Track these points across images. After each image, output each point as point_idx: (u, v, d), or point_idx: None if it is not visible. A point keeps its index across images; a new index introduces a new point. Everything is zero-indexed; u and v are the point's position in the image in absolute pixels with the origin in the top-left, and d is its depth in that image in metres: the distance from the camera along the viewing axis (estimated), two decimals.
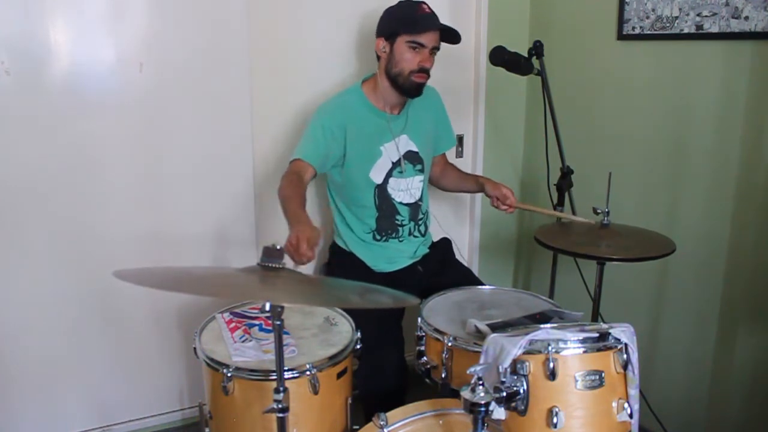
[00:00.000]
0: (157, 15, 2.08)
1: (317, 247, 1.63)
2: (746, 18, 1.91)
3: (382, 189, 2.13)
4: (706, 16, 2.01)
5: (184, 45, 2.12)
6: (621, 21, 2.27)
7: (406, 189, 2.16)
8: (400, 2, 2.06)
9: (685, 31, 2.07)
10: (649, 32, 2.19)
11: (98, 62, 2.04)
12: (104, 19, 2.02)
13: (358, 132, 2.07)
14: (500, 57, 2.17)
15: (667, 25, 2.13)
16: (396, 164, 2.13)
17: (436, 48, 2.03)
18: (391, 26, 2.03)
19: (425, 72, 2.03)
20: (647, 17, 2.18)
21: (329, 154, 2.05)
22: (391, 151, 2.12)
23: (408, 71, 2.01)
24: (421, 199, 2.22)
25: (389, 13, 2.06)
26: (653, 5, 2.16)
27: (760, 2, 1.87)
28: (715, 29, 1.99)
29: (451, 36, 2.06)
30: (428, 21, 2.00)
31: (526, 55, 2.18)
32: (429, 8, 2.03)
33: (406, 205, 2.18)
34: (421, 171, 2.20)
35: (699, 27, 2.03)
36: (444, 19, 2.58)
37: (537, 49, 2.19)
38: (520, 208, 2.21)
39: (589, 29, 2.45)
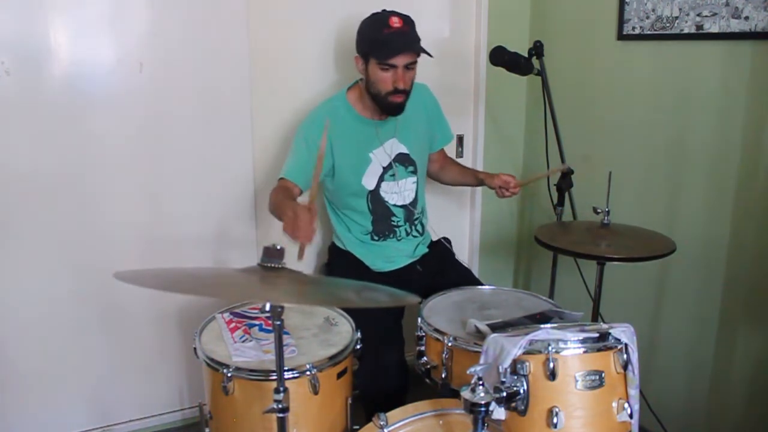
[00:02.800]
0: (157, 15, 2.08)
1: (314, 224, 1.58)
2: (746, 18, 1.91)
3: (374, 194, 2.13)
4: (706, 16, 2.01)
5: (184, 45, 2.13)
6: (621, 21, 2.27)
7: (399, 191, 2.16)
8: (370, 16, 1.98)
9: (685, 31, 2.07)
10: (649, 32, 2.19)
11: (98, 62, 2.04)
12: (104, 19, 2.02)
13: (344, 141, 2.05)
14: (500, 57, 2.17)
15: (667, 25, 2.13)
16: (387, 168, 2.13)
17: (411, 63, 1.95)
18: (363, 47, 1.99)
19: (401, 92, 1.97)
20: (647, 17, 2.18)
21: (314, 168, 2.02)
22: (381, 156, 2.11)
23: (384, 92, 1.97)
24: (415, 201, 2.21)
25: (361, 31, 2.00)
26: (653, 5, 2.15)
27: (760, 2, 1.87)
28: (715, 29, 1.99)
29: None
30: (395, 44, 1.92)
31: (526, 55, 2.19)
32: (398, 20, 1.93)
33: (401, 206, 2.18)
34: (414, 172, 2.19)
35: (699, 27, 2.03)
36: (444, 19, 2.60)
37: (537, 49, 2.20)
38: (522, 185, 2.18)
39: (589, 29, 2.45)
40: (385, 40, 1.93)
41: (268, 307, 1.20)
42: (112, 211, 2.14)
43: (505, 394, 1.23)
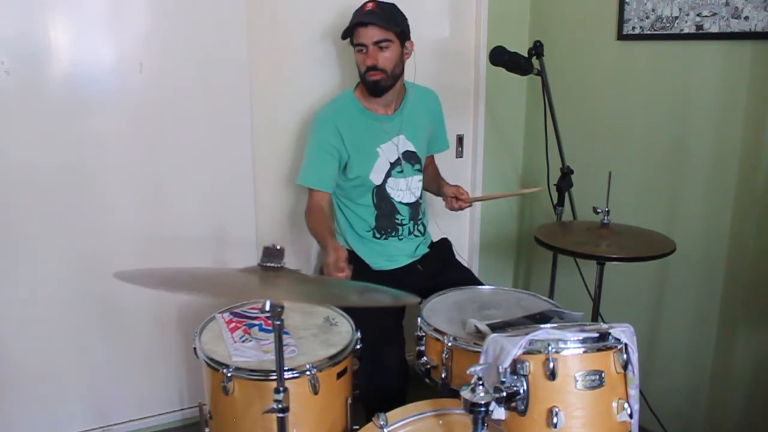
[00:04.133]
0: (157, 15, 2.08)
1: (345, 266, 1.77)
2: (746, 18, 1.91)
3: (380, 189, 2.14)
4: (706, 16, 2.01)
5: (184, 45, 2.12)
6: (621, 21, 2.27)
7: (406, 188, 2.17)
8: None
9: (685, 31, 2.07)
10: (649, 32, 2.19)
11: (98, 62, 2.04)
12: (104, 19, 2.02)
13: (352, 135, 2.08)
14: (500, 57, 2.17)
15: (667, 25, 2.13)
16: (394, 164, 2.14)
17: (381, 41, 2.00)
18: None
19: (374, 69, 2.02)
20: (647, 17, 2.18)
21: (335, 169, 2.09)
22: (388, 151, 2.13)
23: (362, 73, 2.05)
24: (421, 198, 2.22)
25: None
26: (653, 5, 2.16)
27: (760, 2, 1.87)
28: (715, 29, 1.99)
29: (389, 20, 2.01)
30: (359, 18, 2.01)
31: (526, 55, 2.19)
32: (372, 5, 2.02)
33: (407, 204, 2.18)
34: (420, 170, 2.21)
35: (699, 27, 2.03)
36: (444, 19, 2.60)
37: (537, 49, 2.20)
38: (478, 200, 2.20)
39: (589, 29, 2.45)
40: (353, 20, 2.03)
41: (268, 306, 1.20)
42: (111, 210, 2.14)
43: (505, 394, 1.23)
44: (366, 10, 2.03)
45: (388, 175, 2.14)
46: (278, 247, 1.26)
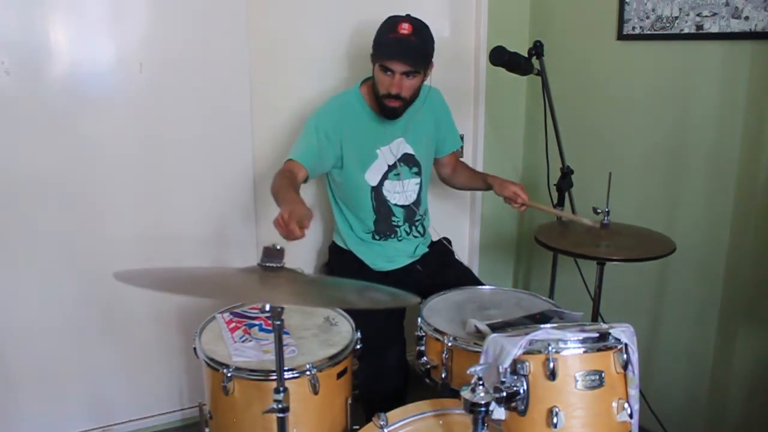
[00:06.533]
0: (157, 15, 2.08)
1: (307, 227, 1.61)
2: (746, 18, 1.91)
3: (377, 191, 2.13)
4: (706, 16, 2.01)
5: (184, 45, 2.13)
6: (621, 21, 2.27)
7: (401, 191, 2.16)
8: (387, 18, 1.98)
9: (685, 31, 2.07)
10: (649, 32, 2.19)
11: (98, 62, 2.04)
12: (104, 19, 2.02)
13: (353, 134, 2.06)
14: (500, 57, 2.16)
15: (667, 25, 2.13)
16: (392, 167, 2.13)
17: (410, 72, 1.94)
18: (372, 46, 2.00)
19: (396, 98, 1.97)
20: (647, 17, 2.18)
21: (323, 156, 2.03)
22: (387, 154, 2.12)
23: (382, 94, 1.99)
24: (417, 202, 2.21)
25: (377, 30, 2.00)
26: (653, 5, 2.16)
27: (760, 2, 1.87)
28: (715, 29, 1.99)
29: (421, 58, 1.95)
30: (390, 49, 1.93)
31: (526, 55, 2.18)
32: (408, 27, 1.92)
33: (402, 206, 2.18)
34: (418, 173, 2.20)
35: (699, 27, 2.03)
36: (444, 20, 2.60)
37: (537, 49, 2.20)
38: (532, 206, 2.13)
39: (589, 29, 2.45)
40: (386, 44, 1.95)
41: (268, 307, 1.20)
42: (112, 211, 2.14)
43: (505, 394, 1.24)
44: (401, 34, 1.91)
45: (384, 177, 2.13)
46: (278, 247, 1.26)
